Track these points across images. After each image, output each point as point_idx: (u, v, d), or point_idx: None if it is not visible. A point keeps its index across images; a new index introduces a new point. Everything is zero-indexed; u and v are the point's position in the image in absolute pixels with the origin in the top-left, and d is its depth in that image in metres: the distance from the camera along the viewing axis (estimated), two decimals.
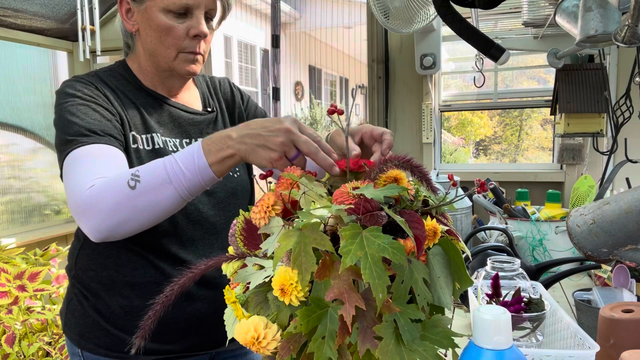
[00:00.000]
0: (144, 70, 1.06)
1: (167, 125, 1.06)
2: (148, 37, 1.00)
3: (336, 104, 0.67)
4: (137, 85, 1.05)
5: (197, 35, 0.99)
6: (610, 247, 1.05)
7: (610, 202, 1.02)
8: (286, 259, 0.60)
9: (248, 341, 0.60)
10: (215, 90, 1.21)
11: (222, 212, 1.08)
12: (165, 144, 1.03)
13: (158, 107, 1.06)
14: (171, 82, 1.08)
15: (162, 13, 0.97)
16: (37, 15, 2.69)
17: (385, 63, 2.35)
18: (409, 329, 0.56)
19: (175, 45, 0.99)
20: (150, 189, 0.80)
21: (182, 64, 1.01)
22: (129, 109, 1.01)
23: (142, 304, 0.98)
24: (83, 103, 0.95)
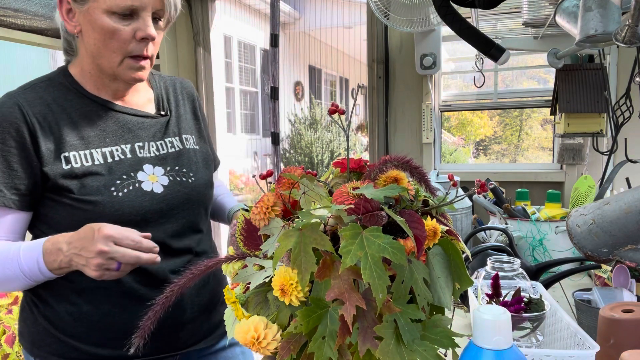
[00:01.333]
0: (86, 74, 1.01)
1: (115, 132, 1.02)
2: (91, 40, 0.95)
3: (337, 103, 0.67)
4: (78, 92, 1.01)
5: (144, 38, 0.95)
6: (610, 247, 1.05)
7: (610, 202, 1.02)
8: (286, 259, 0.60)
9: (248, 341, 0.60)
10: (174, 90, 1.17)
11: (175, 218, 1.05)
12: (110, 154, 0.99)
13: (103, 114, 1.02)
14: (116, 85, 1.03)
15: (105, 15, 0.92)
16: (37, 15, 2.69)
17: (385, 63, 2.35)
18: (409, 329, 0.56)
19: (121, 49, 0.95)
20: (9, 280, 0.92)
21: (127, 71, 0.98)
22: (65, 126, 0.97)
23: (92, 310, 0.98)
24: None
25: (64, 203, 0.95)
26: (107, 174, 0.97)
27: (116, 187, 0.97)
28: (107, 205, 0.95)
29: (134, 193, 0.99)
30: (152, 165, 1.04)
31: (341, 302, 0.55)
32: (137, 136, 1.04)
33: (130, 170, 1.00)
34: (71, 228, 0.92)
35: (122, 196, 0.97)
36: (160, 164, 1.05)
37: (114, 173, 0.98)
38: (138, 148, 1.03)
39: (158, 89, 1.14)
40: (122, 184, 0.98)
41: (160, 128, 1.09)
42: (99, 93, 1.02)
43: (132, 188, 0.99)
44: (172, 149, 1.08)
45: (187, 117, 1.16)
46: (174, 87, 1.17)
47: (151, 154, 1.04)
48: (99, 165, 0.97)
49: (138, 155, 1.02)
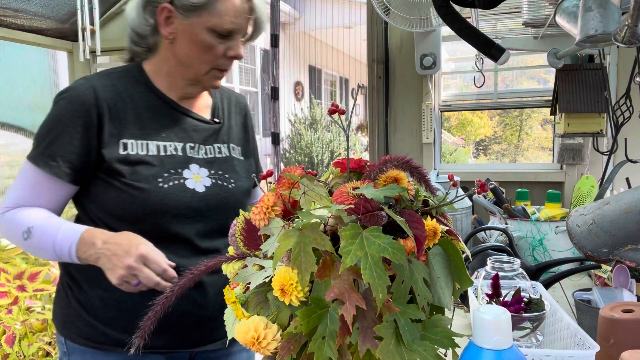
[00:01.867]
0: (162, 73, 1.11)
1: (172, 129, 1.11)
2: (185, 49, 1.06)
3: (337, 103, 0.67)
4: (148, 87, 1.10)
5: (233, 57, 1.08)
6: (610, 247, 1.05)
7: (610, 202, 1.02)
8: (286, 259, 0.60)
9: (248, 341, 0.60)
10: (230, 102, 1.27)
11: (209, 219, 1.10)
12: (163, 148, 1.08)
13: (165, 111, 1.11)
14: (191, 90, 1.13)
15: (207, 32, 1.03)
16: (37, 15, 2.69)
17: (385, 63, 2.35)
18: (409, 329, 0.56)
19: (211, 62, 1.07)
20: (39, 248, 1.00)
21: (211, 79, 1.10)
22: (129, 115, 1.06)
23: (122, 297, 1.02)
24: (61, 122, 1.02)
25: (114, 185, 1.03)
26: (157, 166, 1.06)
27: (163, 179, 1.05)
28: (152, 193, 1.03)
29: (178, 188, 1.06)
30: (199, 166, 1.12)
31: (341, 302, 0.55)
32: (190, 137, 1.13)
33: (178, 167, 1.08)
34: (116, 209, 1.02)
35: (167, 188, 1.05)
36: (206, 166, 1.13)
37: (164, 166, 1.06)
38: (189, 148, 1.12)
39: (216, 98, 1.24)
40: (169, 177, 1.06)
41: (212, 134, 1.17)
42: (167, 92, 1.12)
43: (177, 183, 1.07)
44: (219, 155, 1.17)
45: (237, 129, 1.25)
46: (229, 99, 1.27)
47: (199, 155, 1.13)
48: (152, 156, 1.06)
49: (187, 155, 1.11)
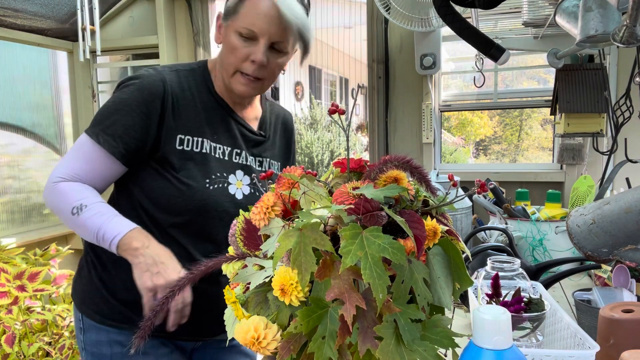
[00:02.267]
0: (220, 77, 1.15)
1: (222, 132, 1.14)
2: (223, 51, 1.10)
3: (337, 103, 0.67)
4: (208, 89, 1.14)
5: (254, 61, 1.06)
6: (610, 247, 1.05)
7: (610, 202, 1.02)
8: (286, 259, 0.60)
9: (248, 341, 0.60)
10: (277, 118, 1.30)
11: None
12: (214, 150, 1.12)
13: (220, 114, 1.15)
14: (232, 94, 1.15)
15: (234, 34, 1.06)
16: (37, 15, 2.69)
17: (385, 63, 2.35)
18: (409, 329, 0.56)
19: (234, 65, 1.08)
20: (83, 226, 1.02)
21: (236, 83, 1.10)
22: (190, 110, 1.11)
23: None
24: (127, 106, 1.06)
25: (164, 176, 1.07)
26: (208, 166, 1.10)
27: (211, 180, 1.10)
28: (197, 191, 1.07)
29: (221, 191, 1.11)
30: (243, 173, 1.16)
31: (341, 302, 0.55)
32: (238, 143, 1.17)
33: (225, 170, 1.13)
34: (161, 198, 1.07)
35: (211, 190, 1.09)
36: (249, 174, 1.17)
37: (213, 167, 1.11)
38: (235, 153, 1.16)
39: (266, 112, 1.26)
40: (215, 179, 1.10)
41: (257, 145, 1.21)
42: (223, 96, 1.16)
43: (221, 186, 1.11)
44: (259, 167, 1.21)
45: (280, 146, 1.29)
46: (277, 116, 1.30)
47: (245, 162, 1.17)
48: (204, 154, 1.10)
49: (233, 160, 1.15)
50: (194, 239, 1.10)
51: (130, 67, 2.91)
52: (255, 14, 1.04)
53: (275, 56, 1.09)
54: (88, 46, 2.43)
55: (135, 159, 1.08)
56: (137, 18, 2.81)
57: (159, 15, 2.66)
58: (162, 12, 2.65)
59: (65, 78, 3.12)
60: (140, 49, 2.82)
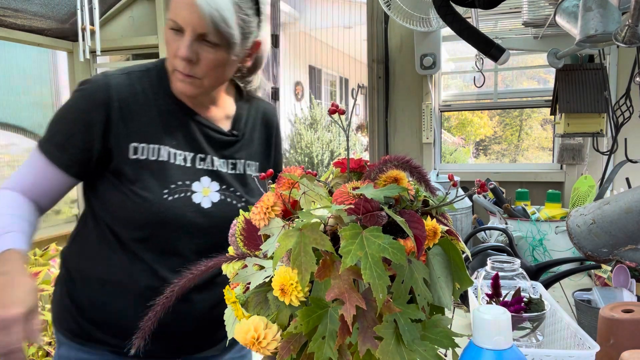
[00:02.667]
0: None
1: (182, 137, 1.04)
2: None
3: (337, 103, 0.67)
4: (166, 91, 1.04)
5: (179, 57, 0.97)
6: (610, 247, 1.05)
7: (610, 202, 1.02)
8: (286, 259, 0.60)
9: (248, 341, 0.60)
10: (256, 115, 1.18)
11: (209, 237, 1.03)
12: (174, 156, 1.02)
13: (179, 117, 1.05)
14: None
15: (167, 29, 0.98)
16: (37, 15, 2.69)
17: (385, 63, 2.35)
18: (409, 329, 0.56)
19: (170, 62, 1.00)
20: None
21: (175, 82, 1.01)
22: (144, 116, 1.01)
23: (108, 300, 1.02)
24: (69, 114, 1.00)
25: (119, 188, 0.99)
26: (166, 175, 1.00)
27: (170, 190, 1.00)
28: (154, 204, 0.98)
29: (182, 201, 1.01)
30: (210, 179, 1.06)
31: (341, 302, 0.55)
32: (201, 148, 1.06)
33: (187, 178, 1.02)
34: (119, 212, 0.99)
35: (170, 201, 0.99)
36: (218, 180, 1.06)
37: (172, 176, 1.01)
38: (199, 159, 1.05)
39: (242, 109, 1.15)
40: (175, 189, 1.01)
41: (227, 146, 1.10)
42: (182, 97, 1.05)
43: (183, 196, 1.01)
44: (232, 171, 1.10)
45: (258, 144, 1.17)
46: (257, 111, 1.19)
47: (213, 167, 1.07)
48: (162, 162, 1.01)
49: (197, 166, 1.05)
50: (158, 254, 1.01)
51: None
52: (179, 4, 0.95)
53: (207, 50, 0.96)
54: (88, 46, 2.44)
55: (86, 170, 1.00)
56: (137, 18, 2.81)
57: (159, 15, 2.66)
58: (162, 12, 2.65)
59: (65, 78, 3.12)
60: (140, 49, 2.82)
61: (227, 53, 0.99)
